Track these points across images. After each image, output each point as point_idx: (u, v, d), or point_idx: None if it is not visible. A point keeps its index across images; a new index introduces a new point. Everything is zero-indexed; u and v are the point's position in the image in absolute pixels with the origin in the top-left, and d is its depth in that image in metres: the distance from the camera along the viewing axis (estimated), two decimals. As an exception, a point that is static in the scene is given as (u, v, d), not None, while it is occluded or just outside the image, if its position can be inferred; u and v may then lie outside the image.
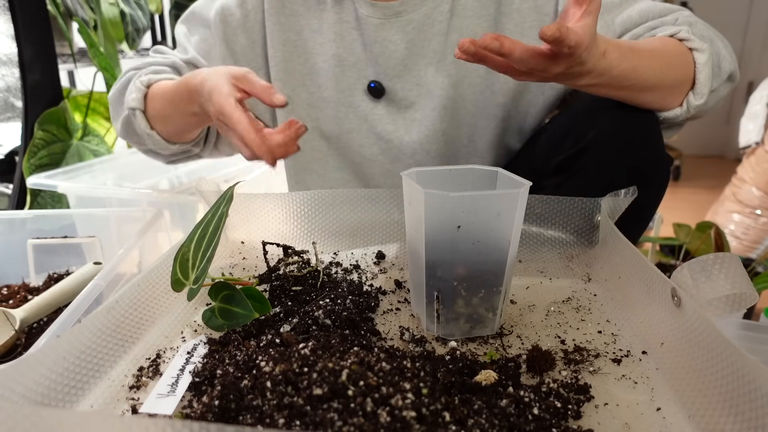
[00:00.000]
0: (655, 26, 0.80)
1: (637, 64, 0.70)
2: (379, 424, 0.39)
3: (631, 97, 0.75)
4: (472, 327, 0.61)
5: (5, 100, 1.64)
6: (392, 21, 0.88)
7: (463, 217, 0.55)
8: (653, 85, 0.73)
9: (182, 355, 0.56)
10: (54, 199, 1.53)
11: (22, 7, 1.44)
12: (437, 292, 0.59)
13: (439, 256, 0.58)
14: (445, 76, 0.89)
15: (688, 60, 0.75)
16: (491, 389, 0.50)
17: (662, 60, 0.73)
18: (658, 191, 0.81)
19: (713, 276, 0.53)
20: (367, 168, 0.97)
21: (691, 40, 0.75)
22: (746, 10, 3.47)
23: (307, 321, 0.60)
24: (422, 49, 0.89)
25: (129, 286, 0.61)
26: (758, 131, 2.19)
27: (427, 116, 0.91)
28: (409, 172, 0.63)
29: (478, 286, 0.59)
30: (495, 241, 0.57)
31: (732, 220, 2.10)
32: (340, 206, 0.84)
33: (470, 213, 0.55)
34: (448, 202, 0.55)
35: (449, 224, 0.56)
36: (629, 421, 0.48)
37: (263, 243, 0.75)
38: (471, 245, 0.57)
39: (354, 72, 0.92)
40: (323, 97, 0.94)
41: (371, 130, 0.94)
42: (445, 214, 0.56)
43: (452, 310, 0.60)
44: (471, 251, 0.57)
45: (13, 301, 0.91)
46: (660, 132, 0.79)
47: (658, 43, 0.75)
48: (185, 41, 0.97)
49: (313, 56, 0.93)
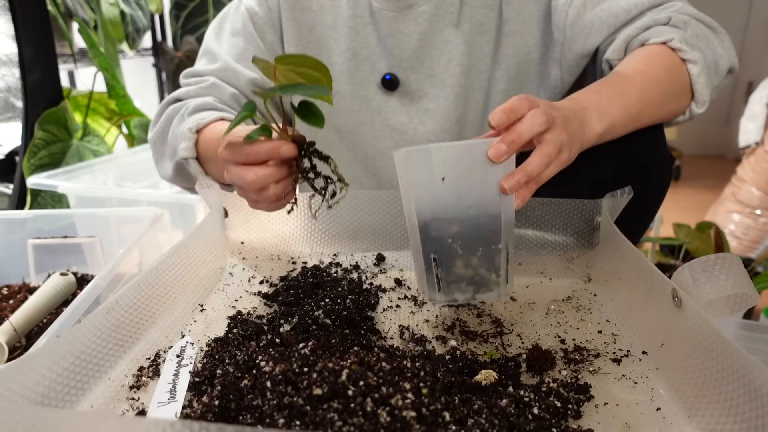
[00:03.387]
0: (648, 25, 0.79)
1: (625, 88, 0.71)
2: (379, 424, 0.39)
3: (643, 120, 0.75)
4: (475, 290, 0.59)
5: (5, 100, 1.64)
6: (405, 13, 0.89)
7: (446, 169, 0.55)
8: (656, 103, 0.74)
9: (172, 359, 0.55)
10: (54, 199, 1.53)
11: (22, 7, 1.44)
12: (434, 254, 0.58)
13: (430, 215, 0.57)
14: (457, 65, 0.91)
15: (682, 71, 0.75)
16: (491, 389, 0.49)
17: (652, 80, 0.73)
18: (661, 190, 0.81)
19: (714, 276, 0.53)
20: (380, 161, 0.98)
21: (683, 50, 0.74)
22: (746, 10, 3.47)
23: (307, 321, 0.60)
24: (434, 39, 0.91)
25: (129, 286, 0.61)
26: (758, 131, 2.19)
27: (440, 106, 0.93)
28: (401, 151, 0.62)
29: (474, 244, 0.58)
30: (485, 193, 0.57)
31: (732, 220, 2.10)
32: (340, 207, 0.84)
33: (453, 165, 0.55)
34: (427, 155, 0.55)
35: (434, 178, 0.56)
36: (629, 420, 0.48)
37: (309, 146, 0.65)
38: (459, 197, 0.56)
39: (368, 65, 0.94)
40: (337, 91, 0.95)
41: (385, 123, 0.95)
42: (428, 168, 0.55)
43: (452, 272, 0.59)
44: (461, 205, 0.57)
45: (13, 300, 0.91)
46: (662, 130, 0.79)
47: (641, 65, 0.74)
48: (215, 47, 0.95)
49: (326, 51, 0.95)
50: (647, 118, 0.75)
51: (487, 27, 0.89)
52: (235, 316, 0.64)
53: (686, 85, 0.76)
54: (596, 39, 0.82)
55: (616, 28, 0.81)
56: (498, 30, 0.89)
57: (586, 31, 0.82)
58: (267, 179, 0.64)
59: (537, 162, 0.59)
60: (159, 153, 0.92)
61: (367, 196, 0.83)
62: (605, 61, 0.81)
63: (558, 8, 0.85)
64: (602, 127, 0.68)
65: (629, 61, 0.76)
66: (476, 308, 0.67)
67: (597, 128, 0.68)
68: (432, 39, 0.91)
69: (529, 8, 0.88)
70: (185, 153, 0.81)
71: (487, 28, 0.89)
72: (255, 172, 0.64)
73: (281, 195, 0.66)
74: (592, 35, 0.82)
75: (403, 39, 0.90)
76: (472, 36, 0.89)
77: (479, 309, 0.67)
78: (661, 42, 0.75)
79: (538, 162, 0.59)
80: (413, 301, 0.69)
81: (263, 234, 0.84)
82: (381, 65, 0.93)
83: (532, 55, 0.89)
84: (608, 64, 0.80)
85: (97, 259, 0.99)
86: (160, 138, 0.90)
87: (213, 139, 0.80)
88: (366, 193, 0.83)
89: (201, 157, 0.82)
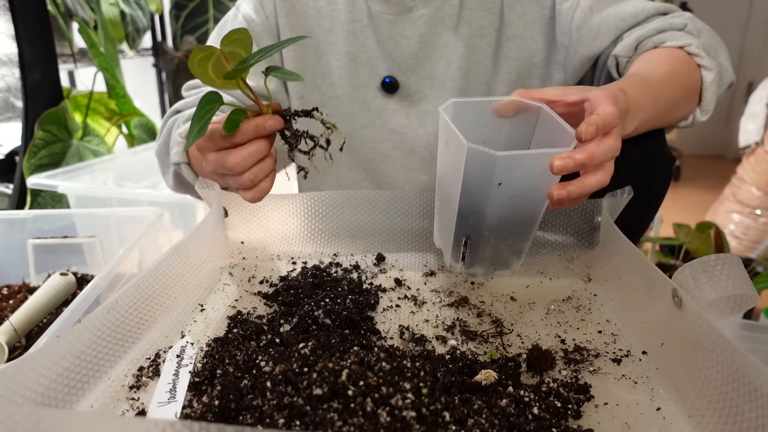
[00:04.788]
0: (662, 29, 0.79)
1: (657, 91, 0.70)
2: (379, 424, 0.39)
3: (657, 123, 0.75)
4: (495, 268, 0.62)
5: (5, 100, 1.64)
6: (404, 17, 0.89)
7: (506, 175, 0.54)
8: (674, 107, 0.74)
9: (172, 359, 0.55)
10: (54, 199, 1.53)
11: (22, 7, 1.44)
12: (466, 238, 0.59)
13: (474, 207, 0.57)
14: (456, 68, 0.91)
15: (695, 77, 0.76)
16: (491, 389, 0.49)
17: (677, 83, 0.73)
18: (661, 190, 0.81)
19: (714, 277, 0.53)
20: (380, 164, 0.98)
21: (701, 56, 0.75)
22: (746, 10, 3.47)
23: (307, 321, 0.60)
24: (434, 42, 0.91)
25: (129, 286, 0.61)
26: (758, 131, 2.19)
27: None
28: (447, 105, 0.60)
29: (508, 236, 0.59)
30: (533, 196, 0.56)
31: (732, 220, 2.10)
32: (340, 208, 0.84)
33: (513, 170, 0.54)
34: (491, 160, 0.53)
35: (489, 180, 0.54)
36: (629, 421, 0.48)
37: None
38: (508, 200, 0.56)
39: (367, 69, 0.94)
40: (336, 95, 0.96)
41: (385, 126, 0.95)
42: (487, 170, 0.54)
43: (479, 255, 0.60)
44: (507, 205, 0.56)
45: (13, 300, 0.91)
46: (663, 131, 0.80)
47: (669, 65, 0.74)
48: None
49: (325, 55, 0.95)
50: (661, 122, 0.75)
51: (487, 30, 0.89)
52: (235, 316, 0.64)
53: (696, 92, 0.76)
54: (603, 42, 0.82)
55: (623, 32, 0.81)
56: (498, 33, 0.89)
57: (593, 34, 0.82)
58: (251, 158, 0.63)
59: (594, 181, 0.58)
60: (164, 165, 0.92)
61: (367, 196, 0.83)
62: (612, 57, 0.81)
63: (563, 12, 0.85)
64: (632, 129, 0.68)
65: (655, 62, 0.75)
66: (476, 308, 0.67)
67: (628, 130, 0.68)
68: (431, 42, 0.91)
69: (532, 12, 0.88)
70: (176, 158, 0.81)
71: (487, 31, 0.89)
72: (237, 154, 0.63)
73: (266, 174, 0.66)
74: (599, 38, 0.82)
75: (402, 42, 0.90)
76: (472, 39, 0.90)
77: (479, 309, 0.67)
78: (678, 46, 0.76)
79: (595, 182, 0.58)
80: (413, 301, 0.69)
81: (263, 234, 0.84)
82: (380, 68, 0.93)
83: (534, 58, 0.89)
84: (615, 60, 0.80)
85: (97, 259, 0.99)
86: (164, 150, 0.91)
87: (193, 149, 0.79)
88: (366, 193, 0.83)
89: (192, 162, 0.82)
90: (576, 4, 0.84)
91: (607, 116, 0.57)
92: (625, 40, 0.80)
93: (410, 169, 0.97)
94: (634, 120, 0.68)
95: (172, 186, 0.93)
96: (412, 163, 0.96)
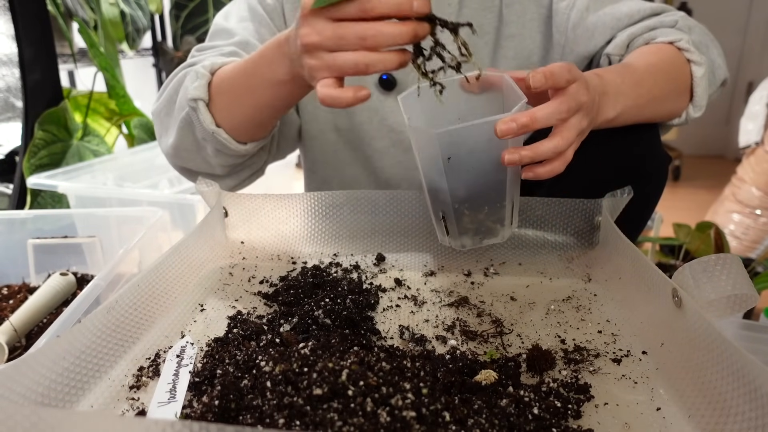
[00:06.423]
0: (653, 26, 0.80)
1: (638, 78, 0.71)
2: (379, 424, 0.39)
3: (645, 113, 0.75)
4: (482, 238, 0.64)
5: (5, 100, 1.64)
6: None
7: (453, 149, 0.56)
8: (661, 98, 0.74)
9: (172, 359, 0.55)
10: (54, 199, 1.53)
11: (22, 7, 1.44)
12: (442, 213, 0.62)
13: (436, 184, 0.59)
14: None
15: (685, 71, 0.76)
16: (491, 389, 0.49)
17: (663, 74, 0.73)
18: (658, 189, 0.81)
19: (714, 277, 0.53)
20: (378, 161, 0.98)
21: (690, 51, 0.75)
22: (746, 10, 3.47)
23: (307, 321, 0.60)
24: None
25: (129, 286, 0.61)
26: (758, 131, 2.19)
27: None
28: (410, 91, 0.62)
29: (480, 204, 0.61)
30: (491, 164, 0.58)
31: (732, 220, 2.10)
32: (340, 208, 0.84)
33: (459, 143, 0.56)
34: (433, 137, 0.55)
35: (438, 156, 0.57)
36: (629, 420, 0.48)
37: None
38: (465, 172, 0.58)
39: None
40: None
41: (382, 122, 0.95)
42: (434, 147, 0.56)
43: (460, 226, 0.62)
44: (467, 177, 0.58)
45: (13, 300, 0.91)
46: (657, 130, 0.80)
47: (654, 57, 0.74)
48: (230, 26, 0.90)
49: None
50: (650, 112, 0.75)
51: (486, 29, 0.89)
52: (235, 316, 0.64)
53: (687, 87, 0.77)
54: (599, 42, 0.82)
55: (618, 32, 0.82)
56: (497, 32, 0.89)
57: (589, 33, 0.83)
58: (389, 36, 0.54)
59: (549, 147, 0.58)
60: (164, 125, 0.85)
61: (367, 196, 0.83)
62: (605, 56, 0.81)
63: (559, 11, 0.85)
64: (614, 114, 0.68)
65: (640, 54, 0.76)
66: (476, 308, 0.67)
67: (610, 115, 0.68)
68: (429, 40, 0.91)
69: (530, 11, 0.88)
70: (196, 92, 0.73)
71: (485, 30, 0.89)
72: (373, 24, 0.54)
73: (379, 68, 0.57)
74: (595, 38, 0.82)
75: None
76: (470, 38, 0.90)
77: (479, 309, 0.67)
78: (668, 42, 0.76)
79: (550, 147, 0.58)
80: (413, 301, 0.69)
81: (263, 234, 0.84)
82: None
83: (533, 58, 0.89)
84: (608, 58, 0.81)
85: (97, 259, 0.99)
86: (167, 107, 0.83)
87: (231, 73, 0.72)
88: (366, 193, 0.83)
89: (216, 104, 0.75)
90: (572, 3, 0.84)
91: (556, 67, 0.57)
92: (617, 39, 0.80)
93: (408, 166, 0.97)
94: (616, 105, 0.68)
95: (170, 147, 0.84)
96: (410, 160, 0.96)
